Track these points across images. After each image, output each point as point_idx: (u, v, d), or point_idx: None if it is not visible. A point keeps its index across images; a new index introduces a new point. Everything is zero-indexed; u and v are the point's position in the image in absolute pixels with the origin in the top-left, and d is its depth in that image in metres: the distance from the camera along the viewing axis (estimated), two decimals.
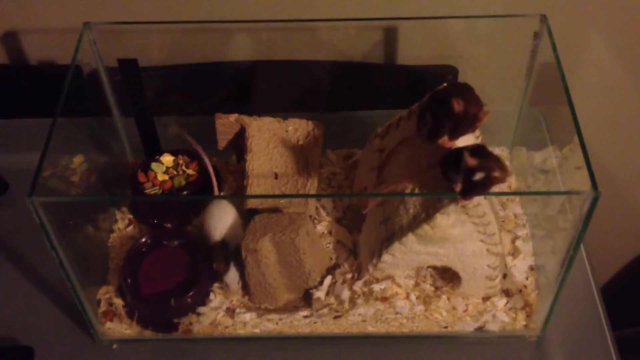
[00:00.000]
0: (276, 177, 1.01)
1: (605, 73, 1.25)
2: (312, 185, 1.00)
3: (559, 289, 0.87)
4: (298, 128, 1.05)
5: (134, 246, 0.98)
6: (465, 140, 0.85)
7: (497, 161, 0.77)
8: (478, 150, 0.78)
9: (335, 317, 0.94)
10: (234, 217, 0.95)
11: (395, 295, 0.94)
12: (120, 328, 0.96)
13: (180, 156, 1.06)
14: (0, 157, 1.15)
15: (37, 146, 0.83)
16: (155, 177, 1.04)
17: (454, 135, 0.81)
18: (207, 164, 1.01)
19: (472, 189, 0.77)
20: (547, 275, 0.93)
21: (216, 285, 0.96)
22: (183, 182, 1.03)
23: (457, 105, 0.78)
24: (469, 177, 0.76)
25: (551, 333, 0.95)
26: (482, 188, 0.76)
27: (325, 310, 0.93)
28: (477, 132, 0.90)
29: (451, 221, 0.84)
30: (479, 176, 0.75)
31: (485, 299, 0.94)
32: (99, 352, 0.96)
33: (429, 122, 0.81)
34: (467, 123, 0.80)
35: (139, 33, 1.04)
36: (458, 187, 0.78)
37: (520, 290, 0.95)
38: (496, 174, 0.75)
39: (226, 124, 1.04)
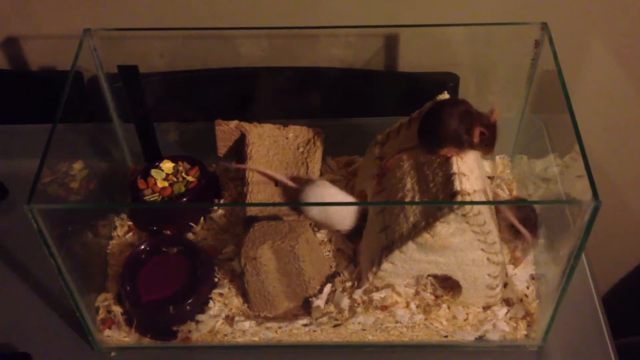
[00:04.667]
0: (276, 185, 1.01)
1: (606, 81, 1.25)
2: None
3: (559, 298, 0.87)
4: (298, 135, 1.04)
5: (133, 253, 0.98)
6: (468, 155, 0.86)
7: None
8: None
9: (335, 326, 0.93)
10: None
11: (395, 303, 0.93)
12: (119, 335, 0.95)
13: (180, 163, 1.06)
14: (0, 162, 1.15)
15: (37, 152, 0.83)
16: (155, 183, 1.03)
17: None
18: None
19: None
20: (548, 285, 0.93)
21: (215, 292, 0.96)
22: (183, 189, 1.03)
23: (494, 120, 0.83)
24: None
25: (552, 342, 0.95)
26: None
27: (324, 319, 0.93)
28: None
29: (451, 230, 0.83)
30: None
31: (486, 308, 0.94)
32: None
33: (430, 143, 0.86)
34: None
35: (139, 39, 1.04)
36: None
37: (521, 300, 0.95)
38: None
39: (226, 131, 1.03)
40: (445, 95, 0.93)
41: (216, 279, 0.97)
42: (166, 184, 1.04)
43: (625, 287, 1.60)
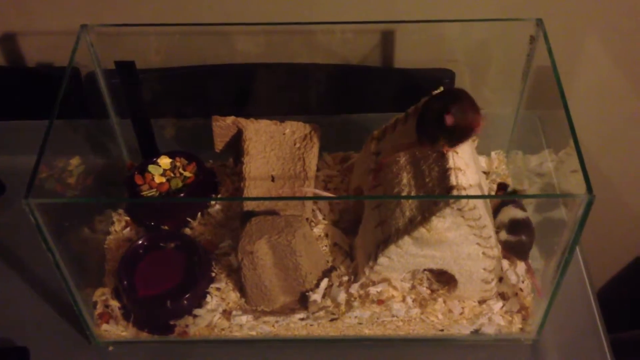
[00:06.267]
0: (273, 180, 1.01)
1: (600, 77, 1.26)
2: (308, 188, 1.00)
3: (554, 292, 0.88)
4: (295, 131, 1.05)
5: (131, 248, 0.98)
6: (462, 147, 0.86)
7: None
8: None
9: (332, 320, 0.94)
10: None
11: (391, 298, 0.94)
12: (116, 330, 0.96)
13: (177, 158, 1.06)
14: None
15: (34, 148, 0.83)
16: (152, 179, 1.04)
17: (451, 145, 0.84)
18: None
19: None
20: (543, 279, 0.93)
21: (212, 287, 0.96)
22: (180, 184, 1.03)
23: (450, 120, 0.81)
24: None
25: (547, 336, 0.95)
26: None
27: (321, 313, 0.93)
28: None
29: (447, 224, 0.84)
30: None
31: (481, 302, 0.94)
32: (95, 354, 0.96)
33: (426, 133, 0.85)
34: (461, 134, 0.83)
35: (136, 35, 1.05)
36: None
37: (516, 294, 0.95)
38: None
39: (223, 127, 1.04)
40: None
41: (213, 274, 0.97)
42: (163, 179, 1.04)
43: (620, 283, 1.60)
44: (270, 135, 1.04)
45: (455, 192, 0.82)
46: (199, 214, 1.04)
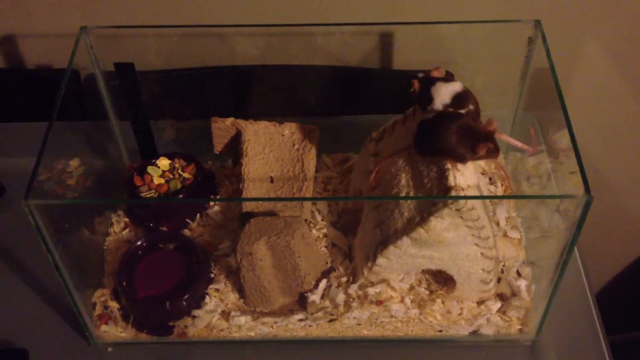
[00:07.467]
0: (272, 181, 1.02)
1: (599, 78, 1.26)
2: (307, 189, 1.00)
3: (552, 293, 0.88)
4: (294, 132, 1.05)
5: (130, 249, 0.98)
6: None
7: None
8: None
9: (330, 321, 0.94)
10: None
11: (390, 298, 0.94)
12: (116, 331, 0.96)
13: (176, 160, 1.06)
14: None
15: (34, 150, 0.84)
16: (152, 180, 1.04)
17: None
18: None
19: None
20: (542, 280, 0.94)
21: (211, 287, 0.96)
22: (179, 186, 1.04)
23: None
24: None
25: (546, 337, 0.95)
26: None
27: (320, 314, 0.94)
28: None
29: (446, 224, 0.84)
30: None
31: (480, 302, 0.94)
32: (94, 355, 0.96)
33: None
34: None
35: (135, 37, 1.05)
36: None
37: (515, 294, 0.95)
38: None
39: (222, 128, 1.04)
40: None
41: (212, 275, 0.97)
42: (162, 180, 1.04)
43: (619, 284, 1.61)
44: (269, 136, 1.04)
45: (453, 193, 0.83)
46: (198, 215, 1.04)
